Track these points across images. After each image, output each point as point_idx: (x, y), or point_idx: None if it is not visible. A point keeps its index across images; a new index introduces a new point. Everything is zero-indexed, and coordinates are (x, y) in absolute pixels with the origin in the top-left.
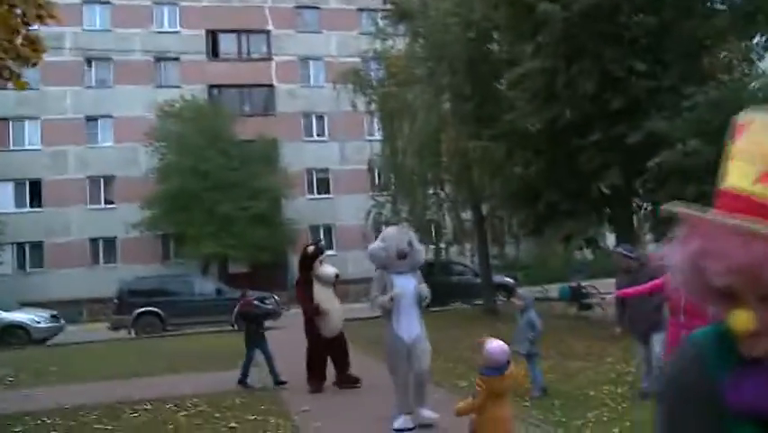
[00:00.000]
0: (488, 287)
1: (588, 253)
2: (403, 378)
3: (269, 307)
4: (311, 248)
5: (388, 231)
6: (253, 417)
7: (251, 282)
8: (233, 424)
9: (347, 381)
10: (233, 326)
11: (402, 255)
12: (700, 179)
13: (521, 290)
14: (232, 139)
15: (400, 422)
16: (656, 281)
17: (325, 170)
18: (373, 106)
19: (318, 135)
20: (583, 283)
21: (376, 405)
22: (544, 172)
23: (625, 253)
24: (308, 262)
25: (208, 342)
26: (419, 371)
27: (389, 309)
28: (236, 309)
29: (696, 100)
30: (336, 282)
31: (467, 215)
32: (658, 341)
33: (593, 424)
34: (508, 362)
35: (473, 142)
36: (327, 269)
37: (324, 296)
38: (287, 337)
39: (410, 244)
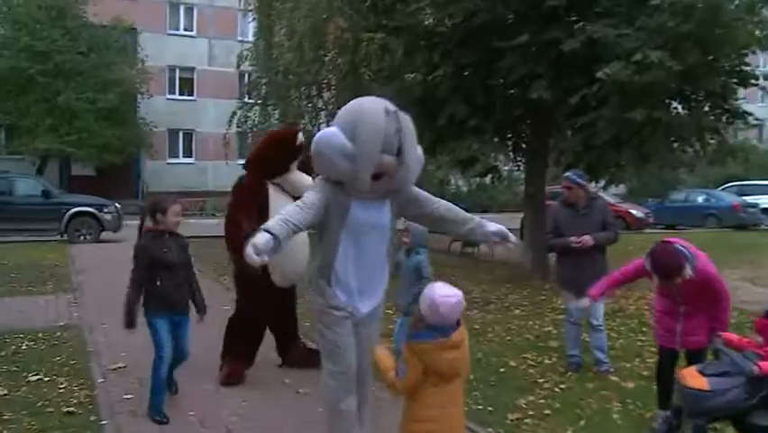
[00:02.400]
0: None
1: (463, 185)
2: (345, 370)
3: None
4: (301, 136)
5: (366, 116)
6: (38, 376)
7: (97, 188)
8: None
9: (304, 354)
10: (61, 235)
11: (381, 173)
12: (652, 102)
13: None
14: (80, 20)
15: None
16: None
17: (190, 69)
18: None
19: (185, 29)
20: None
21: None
22: (451, 79)
23: (576, 180)
24: (288, 157)
25: (21, 254)
26: (360, 363)
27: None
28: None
29: (662, 1)
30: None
31: None
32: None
33: (532, 418)
34: (458, 322)
35: (367, 33)
36: (306, 178)
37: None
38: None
39: (400, 149)
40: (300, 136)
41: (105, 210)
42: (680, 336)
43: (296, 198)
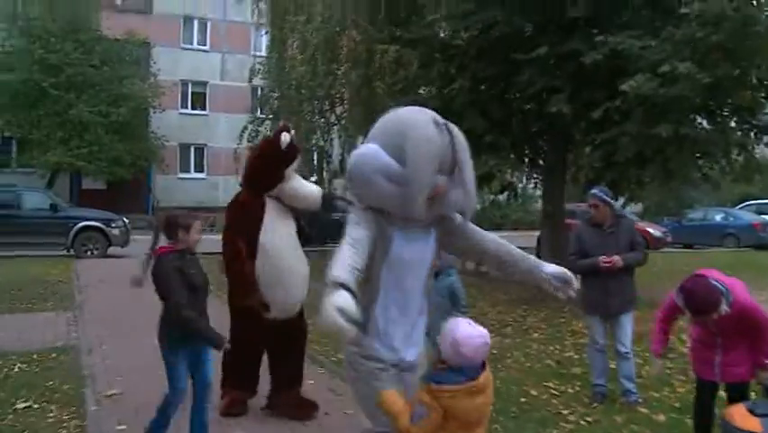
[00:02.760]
0: None
1: (476, 202)
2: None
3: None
4: (286, 137)
5: (414, 130)
6: (26, 403)
7: (108, 202)
8: None
9: (296, 404)
10: (68, 250)
11: (431, 196)
12: (678, 117)
13: None
14: (94, 33)
15: None
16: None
17: (203, 84)
18: (263, 5)
19: (199, 44)
20: None
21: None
22: (467, 93)
23: (603, 197)
24: (278, 163)
25: (26, 269)
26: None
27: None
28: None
29: (690, 11)
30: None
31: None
32: (629, 322)
33: None
34: (483, 364)
35: (382, 45)
36: (307, 185)
37: (284, 238)
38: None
39: (454, 168)
40: (284, 137)
41: (113, 225)
42: (719, 369)
43: (295, 205)
